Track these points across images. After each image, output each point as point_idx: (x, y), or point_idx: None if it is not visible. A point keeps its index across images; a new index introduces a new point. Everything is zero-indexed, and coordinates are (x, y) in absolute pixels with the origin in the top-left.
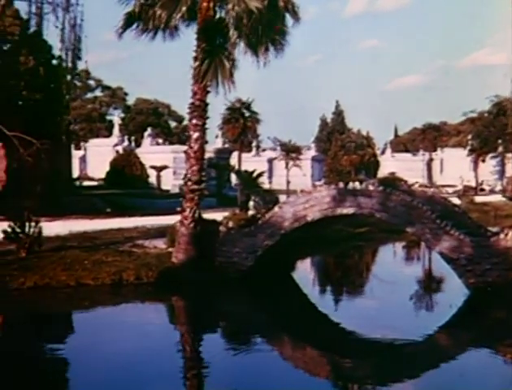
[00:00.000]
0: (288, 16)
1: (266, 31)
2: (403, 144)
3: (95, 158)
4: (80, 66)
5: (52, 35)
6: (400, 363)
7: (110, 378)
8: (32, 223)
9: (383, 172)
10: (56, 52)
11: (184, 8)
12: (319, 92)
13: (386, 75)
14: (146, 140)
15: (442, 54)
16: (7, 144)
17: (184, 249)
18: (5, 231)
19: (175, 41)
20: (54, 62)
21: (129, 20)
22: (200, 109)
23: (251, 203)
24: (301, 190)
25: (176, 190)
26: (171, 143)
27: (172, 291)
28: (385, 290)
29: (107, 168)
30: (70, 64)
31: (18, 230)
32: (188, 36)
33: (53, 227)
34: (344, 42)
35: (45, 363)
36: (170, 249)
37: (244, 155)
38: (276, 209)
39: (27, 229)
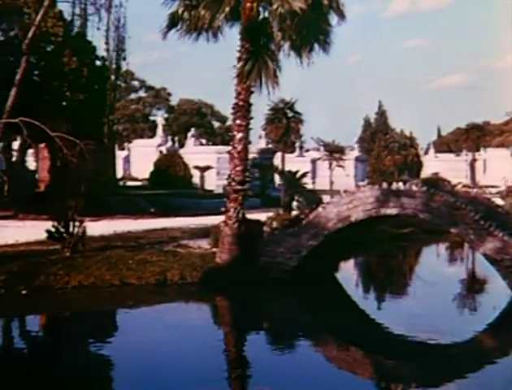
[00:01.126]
0: (331, 15)
1: (311, 31)
2: (446, 144)
3: (139, 159)
4: (124, 66)
5: (96, 36)
6: (443, 365)
7: (153, 377)
8: (77, 223)
9: (426, 173)
10: (100, 53)
11: (227, 9)
12: (363, 92)
13: (429, 74)
14: (190, 141)
15: (485, 53)
16: (51, 144)
17: (227, 249)
18: (49, 231)
19: (219, 42)
20: (98, 62)
21: (173, 21)
22: (244, 109)
23: (295, 203)
24: (344, 190)
25: (220, 190)
26: (215, 143)
27: (216, 291)
28: (428, 291)
29: (151, 168)
30: (114, 65)
31: (62, 229)
32: (232, 37)
33: (97, 227)
34: (387, 42)
35: (90, 361)
36: (214, 249)
37: (287, 155)
38: (320, 209)
39: (71, 229)
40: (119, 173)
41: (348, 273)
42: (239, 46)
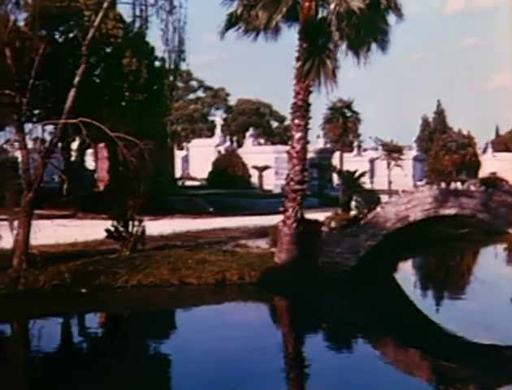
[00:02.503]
0: (389, 14)
1: (368, 30)
2: (504, 143)
3: (197, 158)
4: (183, 67)
5: (155, 37)
6: (501, 366)
7: (211, 376)
8: (136, 222)
9: (484, 172)
10: (159, 54)
11: (284, 9)
12: (420, 91)
13: (487, 73)
14: (248, 141)
15: None
16: (110, 144)
17: (286, 248)
18: (108, 230)
19: (278, 41)
20: (157, 63)
21: (231, 21)
22: (302, 109)
23: (353, 203)
24: (402, 190)
25: (278, 190)
26: (273, 143)
27: (275, 291)
28: (487, 292)
29: (209, 168)
30: (173, 65)
31: (121, 229)
32: (291, 37)
33: (156, 227)
34: (445, 40)
35: (149, 360)
36: (272, 249)
37: (345, 155)
38: (378, 209)
39: (130, 228)
40: (178, 173)
41: (406, 273)
42: (297, 46)
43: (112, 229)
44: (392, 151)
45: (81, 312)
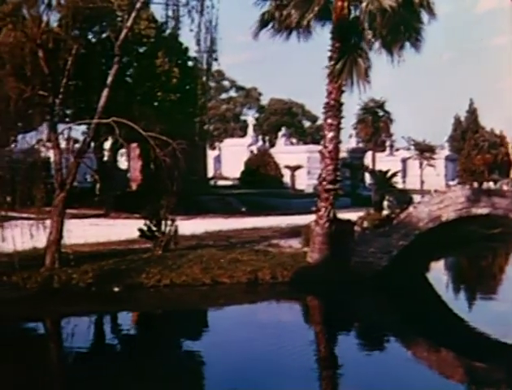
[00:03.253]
0: (422, 13)
1: (401, 29)
2: None
3: (229, 158)
4: (215, 67)
5: (188, 37)
6: None
7: (243, 376)
8: (168, 222)
9: None
10: (192, 54)
11: (316, 8)
12: (453, 90)
13: None
14: (280, 140)
15: None
16: (143, 144)
17: (318, 248)
18: (141, 230)
19: (310, 41)
20: (190, 63)
21: (264, 21)
22: (335, 108)
23: (385, 203)
24: (434, 190)
25: (310, 190)
26: (305, 143)
27: (307, 290)
28: None
29: (242, 168)
30: (205, 66)
31: (154, 228)
32: (324, 36)
33: (189, 226)
34: (477, 39)
35: (181, 359)
36: (305, 249)
37: (377, 155)
38: (411, 209)
39: (163, 227)
40: (210, 172)
41: (438, 273)
42: (330, 45)
43: (145, 228)
44: (425, 151)
45: (114, 311)
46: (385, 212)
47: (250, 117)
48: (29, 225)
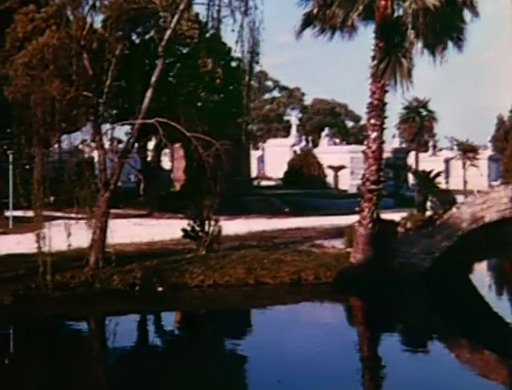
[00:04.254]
0: (465, 12)
1: (444, 28)
2: None
3: (273, 158)
4: (258, 67)
5: (231, 37)
6: None
7: (287, 376)
8: (212, 222)
9: None
10: (235, 54)
11: (360, 7)
12: (496, 90)
13: None
14: (323, 140)
15: None
16: (186, 144)
17: (362, 249)
18: (184, 230)
19: (353, 40)
20: (233, 64)
21: (307, 20)
22: (378, 108)
23: (428, 204)
24: (477, 190)
25: (354, 190)
26: (348, 143)
27: (350, 291)
28: None
29: (284, 168)
30: (248, 66)
31: (197, 228)
32: (367, 35)
33: (232, 226)
34: None
35: (224, 359)
36: (348, 249)
37: (420, 155)
38: (454, 209)
39: (206, 228)
40: (254, 173)
41: (481, 275)
42: (373, 45)
43: (188, 228)
44: (468, 151)
45: (157, 311)
46: (428, 213)
47: (293, 117)
48: (73, 225)
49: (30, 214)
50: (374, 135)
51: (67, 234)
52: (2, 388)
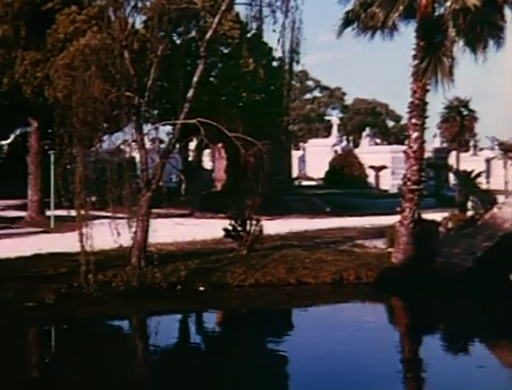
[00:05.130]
0: (506, 11)
1: (485, 27)
2: None
3: (314, 158)
4: (299, 67)
5: (272, 37)
6: None
7: (327, 376)
8: (253, 222)
9: None
10: (276, 54)
11: (401, 7)
12: None
13: None
14: (364, 140)
15: None
16: (227, 144)
17: (403, 249)
18: (226, 229)
19: (393, 40)
20: (274, 64)
21: (348, 20)
22: (419, 108)
23: (469, 204)
24: None
25: (395, 190)
26: (389, 143)
27: (391, 291)
28: None
29: (325, 168)
30: (289, 66)
31: (239, 228)
32: (407, 35)
33: (273, 226)
34: None
35: (266, 359)
36: (389, 249)
37: (461, 155)
38: (495, 210)
39: (248, 227)
40: (295, 172)
41: None
42: (414, 44)
43: (230, 228)
44: (509, 150)
45: (199, 310)
46: (469, 213)
47: (334, 117)
48: (115, 224)
49: (71, 213)
50: (415, 135)
51: (109, 233)
52: (47, 387)
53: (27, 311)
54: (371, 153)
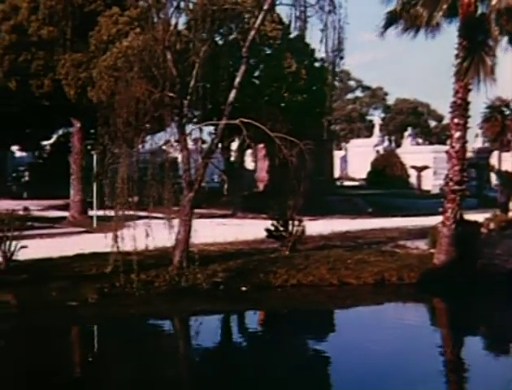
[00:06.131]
0: None
1: None
2: None
3: (355, 159)
4: (341, 67)
5: (313, 37)
6: None
7: (369, 377)
8: (296, 222)
9: None
10: (318, 54)
11: (444, 6)
12: None
13: None
14: (406, 140)
15: None
16: (269, 145)
17: (445, 250)
18: (268, 230)
19: (436, 39)
20: (316, 64)
21: (391, 19)
22: (461, 107)
23: (511, 204)
24: None
25: (437, 190)
26: (431, 143)
27: (433, 292)
28: None
29: (367, 168)
30: (331, 66)
31: (281, 228)
32: (450, 34)
33: (315, 226)
34: None
35: (307, 359)
36: (431, 250)
37: (503, 154)
38: None
39: (290, 228)
40: (337, 173)
41: None
42: (457, 43)
43: (272, 228)
44: None
45: (241, 310)
46: (511, 214)
47: (376, 117)
48: (157, 224)
49: (113, 213)
50: (457, 134)
51: (151, 233)
52: (91, 385)
53: (70, 310)
54: (413, 154)
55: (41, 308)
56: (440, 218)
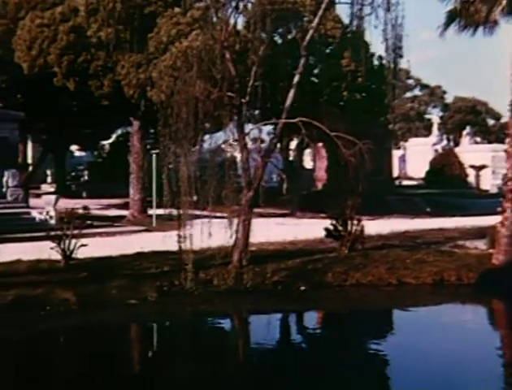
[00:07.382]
0: None
1: None
2: None
3: (414, 158)
4: (400, 65)
5: (372, 35)
6: None
7: (427, 378)
8: (355, 221)
9: None
10: (376, 52)
11: (504, 1)
12: None
13: None
14: (465, 139)
15: None
16: (328, 144)
17: (504, 250)
18: (327, 229)
19: (494, 36)
20: (375, 62)
21: (451, 18)
22: None
23: None
24: None
25: (495, 190)
26: (489, 141)
27: (492, 293)
28: None
29: (426, 167)
30: (390, 64)
31: (340, 228)
32: (508, 31)
33: (374, 226)
34: None
35: (366, 359)
36: (490, 250)
37: None
38: None
39: (349, 227)
40: (395, 172)
41: None
42: None
43: (331, 228)
44: None
45: (300, 310)
46: None
47: (435, 116)
48: (216, 223)
49: (173, 212)
50: None
51: (210, 233)
52: (150, 383)
53: (129, 308)
54: (472, 152)
55: (101, 306)
56: (498, 218)
